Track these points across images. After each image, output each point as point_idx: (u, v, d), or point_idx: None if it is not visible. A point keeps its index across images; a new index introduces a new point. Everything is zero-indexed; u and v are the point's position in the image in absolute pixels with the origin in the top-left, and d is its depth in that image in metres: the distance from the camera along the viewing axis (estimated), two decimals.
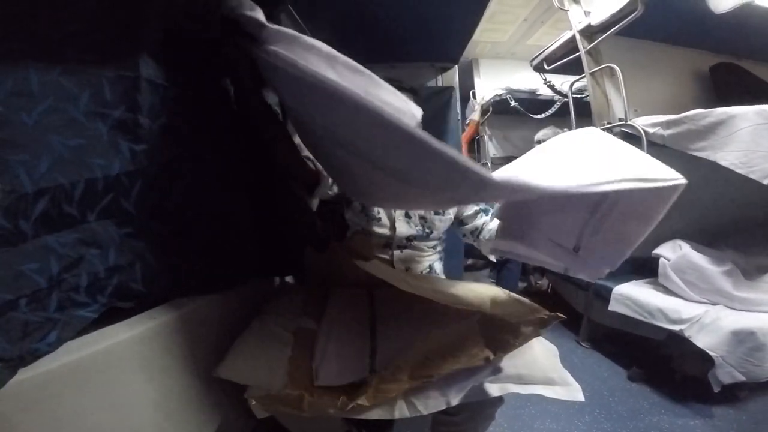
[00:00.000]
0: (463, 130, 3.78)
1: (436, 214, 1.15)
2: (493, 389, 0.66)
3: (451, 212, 1.17)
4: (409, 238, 1.15)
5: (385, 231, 1.14)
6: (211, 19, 0.68)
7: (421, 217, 1.15)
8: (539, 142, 2.53)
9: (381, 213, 1.15)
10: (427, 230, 1.16)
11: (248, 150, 0.88)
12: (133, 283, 0.63)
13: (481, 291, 0.77)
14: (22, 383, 0.46)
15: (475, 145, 4.05)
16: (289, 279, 1.27)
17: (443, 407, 0.66)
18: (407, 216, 1.15)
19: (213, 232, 0.78)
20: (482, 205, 1.19)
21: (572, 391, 0.66)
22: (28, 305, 0.50)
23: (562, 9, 1.90)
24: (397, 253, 1.14)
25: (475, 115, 3.90)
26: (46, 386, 0.49)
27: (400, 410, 0.67)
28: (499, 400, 0.74)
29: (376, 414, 0.67)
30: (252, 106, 0.84)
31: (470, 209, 1.18)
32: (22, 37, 0.50)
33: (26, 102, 0.49)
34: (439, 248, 1.20)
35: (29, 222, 0.50)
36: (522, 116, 3.66)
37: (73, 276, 0.55)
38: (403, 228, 1.14)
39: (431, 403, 0.67)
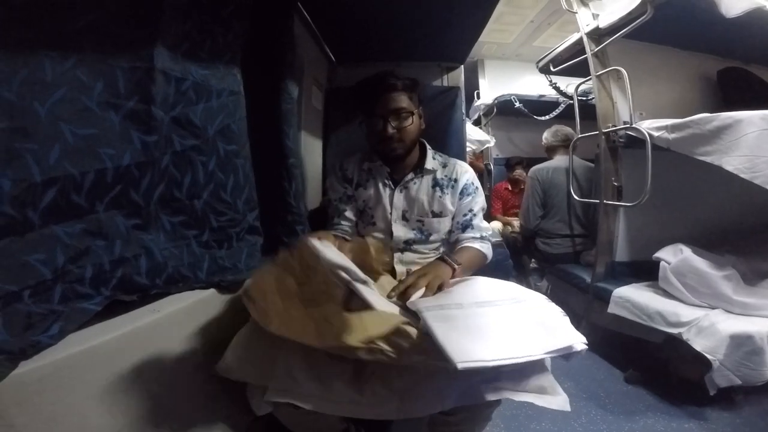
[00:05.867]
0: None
1: (435, 216, 1.14)
2: (489, 393, 0.66)
3: (452, 208, 1.14)
4: (408, 242, 1.14)
5: (382, 236, 1.14)
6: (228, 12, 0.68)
7: (419, 221, 1.14)
8: (548, 143, 2.52)
9: (376, 218, 1.15)
10: (425, 233, 1.15)
11: (259, 141, 0.89)
12: (137, 276, 0.63)
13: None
14: (22, 376, 0.45)
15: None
16: None
17: (440, 409, 0.66)
18: (404, 219, 1.14)
19: (221, 223, 0.79)
20: (485, 234, 1.14)
21: (561, 402, 0.67)
22: (31, 297, 0.49)
23: (570, 11, 1.89)
24: (398, 255, 1.13)
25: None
26: (47, 379, 0.48)
27: (398, 411, 0.67)
28: (496, 401, 0.74)
29: (372, 412, 0.67)
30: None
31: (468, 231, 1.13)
32: (39, 27, 0.50)
33: (40, 91, 0.49)
34: (442, 249, 1.17)
35: (37, 212, 0.50)
36: (526, 117, 3.65)
37: (78, 267, 0.55)
38: (401, 232, 1.14)
39: (428, 405, 0.67)
